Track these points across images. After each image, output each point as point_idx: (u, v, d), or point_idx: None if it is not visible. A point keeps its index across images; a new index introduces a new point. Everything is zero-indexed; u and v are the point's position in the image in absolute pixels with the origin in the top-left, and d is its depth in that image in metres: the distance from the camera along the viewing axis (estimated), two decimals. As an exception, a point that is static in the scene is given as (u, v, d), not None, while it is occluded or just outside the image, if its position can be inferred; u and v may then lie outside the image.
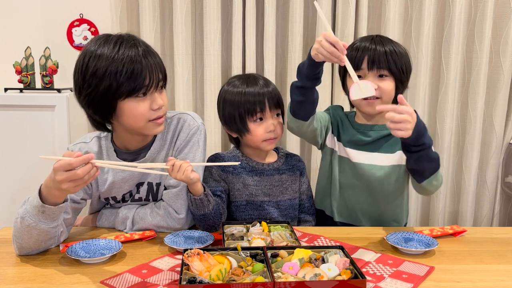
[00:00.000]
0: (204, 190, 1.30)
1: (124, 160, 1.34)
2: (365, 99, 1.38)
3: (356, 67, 1.41)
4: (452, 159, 2.18)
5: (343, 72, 1.51)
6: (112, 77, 1.15)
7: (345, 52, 1.21)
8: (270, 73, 2.03)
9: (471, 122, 2.10)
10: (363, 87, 1.26)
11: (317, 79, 1.33)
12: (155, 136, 1.37)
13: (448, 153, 2.14)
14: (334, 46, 1.19)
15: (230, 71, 2.07)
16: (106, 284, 1.02)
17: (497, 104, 2.07)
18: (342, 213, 1.53)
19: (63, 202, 1.13)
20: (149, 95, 1.23)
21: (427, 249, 1.20)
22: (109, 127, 1.33)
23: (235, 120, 1.45)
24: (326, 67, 2.04)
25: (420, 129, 1.23)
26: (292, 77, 2.04)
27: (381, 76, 1.42)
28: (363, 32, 2.01)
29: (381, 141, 1.48)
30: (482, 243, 1.30)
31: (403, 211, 1.54)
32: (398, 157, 1.47)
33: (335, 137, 1.55)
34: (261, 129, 1.44)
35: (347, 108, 2.05)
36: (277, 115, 1.48)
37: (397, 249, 1.22)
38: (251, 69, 2.02)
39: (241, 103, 1.43)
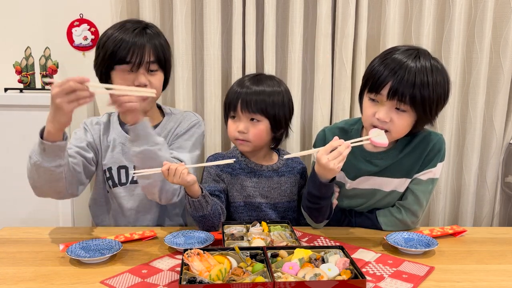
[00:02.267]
0: (202, 192, 1.30)
1: (127, 133, 1.44)
2: (374, 126, 1.29)
3: (375, 89, 1.26)
4: (452, 159, 2.18)
5: (362, 87, 1.35)
6: (106, 48, 1.35)
7: (342, 141, 1.19)
8: (270, 73, 2.03)
9: (471, 122, 2.10)
10: (376, 133, 1.25)
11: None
12: (158, 123, 1.51)
13: (448, 153, 2.14)
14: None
15: (230, 71, 2.07)
16: (106, 284, 1.02)
17: (497, 104, 2.07)
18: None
19: (62, 141, 1.20)
20: (135, 73, 1.36)
21: (427, 249, 1.21)
22: None
23: (224, 109, 1.52)
24: (326, 67, 2.04)
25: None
26: (292, 77, 2.04)
27: (398, 109, 1.25)
28: (363, 32, 2.00)
29: (388, 168, 1.38)
30: (482, 243, 1.30)
31: None
32: (403, 182, 1.39)
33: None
34: (233, 126, 1.46)
35: (346, 110, 2.06)
36: (253, 120, 1.43)
37: (397, 249, 1.22)
38: (251, 69, 2.02)
39: (226, 97, 1.50)
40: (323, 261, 1.05)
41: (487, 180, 2.15)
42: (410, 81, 1.20)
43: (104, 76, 1.39)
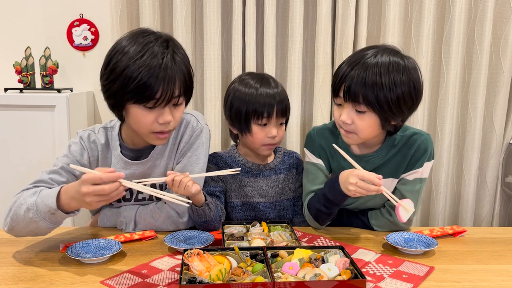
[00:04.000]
0: (205, 200, 1.30)
1: (126, 156, 1.34)
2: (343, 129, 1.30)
3: (335, 94, 1.28)
4: (452, 159, 2.18)
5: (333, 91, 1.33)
6: (126, 80, 1.14)
7: (382, 183, 1.17)
8: (270, 73, 2.03)
9: (471, 122, 2.10)
10: (406, 205, 1.21)
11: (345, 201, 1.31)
12: None
13: (448, 153, 2.14)
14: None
15: (230, 71, 2.07)
16: (106, 284, 1.02)
17: (497, 104, 2.07)
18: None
19: (76, 211, 1.15)
20: (159, 108, 1.19)
21: (427, 249, 1.20)
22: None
23: (240, 117, 1.42)
24: (326, 67, 2.04)
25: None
26: (292, 77, 2.04)
27: (358, 111, 1.24)
28: (363, 33, 2.01)
29: (375, 170, 1.35)
30: (482, 243, 1.30)
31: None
32: (390, 183, 1.38)
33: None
34: (262, 133, 1.42)
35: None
36: (281, 124, 1.46)
37: (397, 249, 1.22)
38: (251, 69, 2.02)
39: (251, 103, 1.40)
40: (323, 261, 1.05)
41: (487, 180, 2.15)
42: (359, 82, 1.19)
43: (118, 107, 1.22)
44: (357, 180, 1.17)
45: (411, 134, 1.37)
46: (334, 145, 1.29)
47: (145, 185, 1.15)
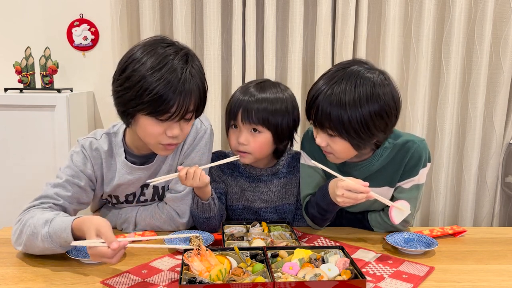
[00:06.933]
0: (211, 194, 1.30)
1: (132, 163, 1.32)
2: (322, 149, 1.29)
3: (308, 117, 1.28)
4: (452, 159, 2.18)
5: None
6: (141, 91, 1.10)
7: (369, 189, 1.17)
8: (270, 73, 2.03)
9: (471, 122, 2.10)
10: (401, 206, 1.21)
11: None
12: None
13: (448, 153, 2.14)
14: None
15: (230, 71, 2.07)
16: (106, 284, 1.02)
17: (497, 104, 2.07)
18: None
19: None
20: (170, 122, 1.17)
21: (427, 249, 1.21)
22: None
23: (226, 117, 1.41)
24: (326, 67, 2.04)
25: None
26: (292, 77, 2.04)
27: (330, 135, 1.22)
28: (363, 33, 2.01)
29: (367, 178, 1.28)
30: (482, 243, 1.30)
31: None
32: (386, 191, 1.35)
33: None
34: (233, 136, 1.36)
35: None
36: (255, 130, 1.32)
37: (397, 249, 1.22)
38: (251, 69, 2.02)
39: (228, 104, 1.39)
40: (323, 261, 1.05)
41: (487, 180, 2.15)
42: (325, 114, 1.18)
43: (128, 115, 1.18)
44: (343, 192, 1.18)
45: (404, 142, 1.32)
46: (313, 161, 1.29)
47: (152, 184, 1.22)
